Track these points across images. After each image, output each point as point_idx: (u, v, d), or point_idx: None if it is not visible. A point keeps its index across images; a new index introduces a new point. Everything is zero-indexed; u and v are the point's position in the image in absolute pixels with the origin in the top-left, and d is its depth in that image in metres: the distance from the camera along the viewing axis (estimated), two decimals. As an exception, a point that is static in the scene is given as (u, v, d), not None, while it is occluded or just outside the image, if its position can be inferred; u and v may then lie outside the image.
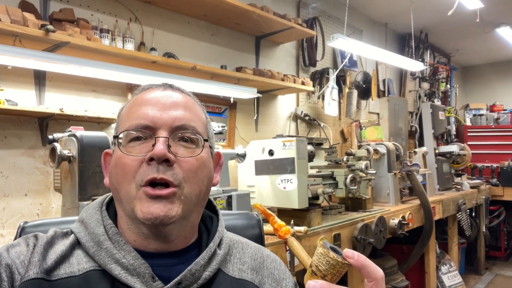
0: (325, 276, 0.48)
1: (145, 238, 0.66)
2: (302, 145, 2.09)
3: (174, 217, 0.64)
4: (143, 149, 0.65)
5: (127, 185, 0.64)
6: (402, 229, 2.63)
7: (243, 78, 2.67)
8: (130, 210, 0.64)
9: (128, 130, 0.66)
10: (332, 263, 0.48)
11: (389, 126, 4.63)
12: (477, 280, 4.37)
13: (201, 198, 0.69)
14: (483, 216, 4.31)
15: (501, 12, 4.62)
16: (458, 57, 6.60)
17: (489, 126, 5.60)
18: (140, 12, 2.44)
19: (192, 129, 0.68)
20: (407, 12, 4.27)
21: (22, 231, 0.79)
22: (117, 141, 0.67)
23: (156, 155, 0.63)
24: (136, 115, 0.67)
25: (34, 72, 1.98)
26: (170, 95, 0.70)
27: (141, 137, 0.66)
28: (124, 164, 0.65)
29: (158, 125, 0.66)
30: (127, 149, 0.66)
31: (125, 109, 0.72)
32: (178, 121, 0.67)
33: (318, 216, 2.14)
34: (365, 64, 4.48)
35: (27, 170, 1.97)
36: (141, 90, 0.73)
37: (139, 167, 0.64)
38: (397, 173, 3.04)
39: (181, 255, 0.69)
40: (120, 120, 0.72)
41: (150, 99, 0.69)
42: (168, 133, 0.66)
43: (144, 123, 0.66)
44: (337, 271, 0.48)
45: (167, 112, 0.67)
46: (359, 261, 0.50)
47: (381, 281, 0.51)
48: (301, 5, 3.67)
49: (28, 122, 1.98)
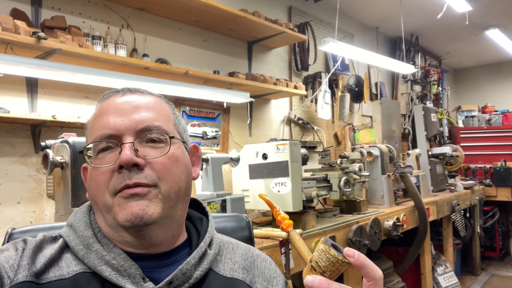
0: (324, 272, 0.49)
1: (129, 245, 0.66)
2: (296, 148, 2.10)
3: (153, 216, 0.63)
4: (111, 158, 0.65)
5: (102, 196, 0.65)
6: (397, 231, 2.64)
7: (236, 83, 2.68)
8: (110, 218, 0.65)
9: (94, 142, 0.66)
10: (332, 261, 0.49)
11: (382, 128, 4.67)
12: (473, 280, 4.39)
13: (182, 194, 0.69)
14: (478, 216, 4.34)
15: (489, 14, 4.69)
16: (449, 60, 6.68)
17: (481, 127, 5.65)
18: (132, 19, 2.44)
19: (157, 129, 0.67)
20: (397, 16, 4.32)
21: (10, 237, 0.79)
22: (87, 155, 0.67)
23: (123, 161, 0.63)
24: (99, 126, 0.67)
25: (26, 79, 1.98)
26: (130, 100, 0.70)
27: (109, 147, 0.66)
28: (95, 177, 0.65)
29: (122, 132, 0.65)
30: (96, 161, 0.66)
31: (90, 121, 0.71)
32: (141, 124, 0.66)
33: (313, 219, 2.15)
34: (357, 68, 4.52)
35: (20, 178, 1.96)
36: (102, 99, 0.73)
37: (111, 177, 0.64)
38: (390, 175, 3.05)
39: (170, 256, 0.69)
40: (88, 133, 0.71)
41: (110, 107, 0.68)
42: (133, 138, 0.65)
43: (107, 133, 0.66)
44: (337, 269, 0.49)
45: (128, 116, 0.67)
46: (359, 260, 0.50)
47: (379, 281, 0.51)
48: (292, 10, 3.70)
49: (21, 130, 1.97)
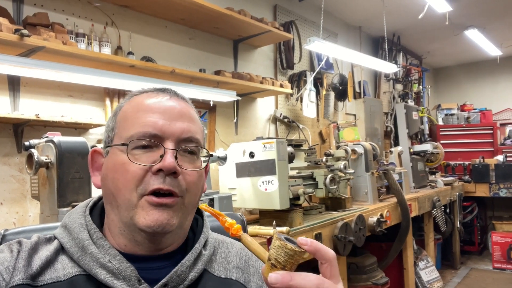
0: (284, 266, 0.50)
1: (136, 245, 0.66)
2: (282, 146, 2.12)
3: (174, 226, 0.65)
4: (149, 158, 0.65)
5: (128, 193, 0.64)
6: (381, 227, 2.70)
7: (222, 81, 2.68)
8: (128, 217, 0.64)
9: (137, 138, 0.65)
10: (290, 254, 0.50)
11: (365, 126, 4.74)
12: (453, 274, 4.52)
13: (195, 206, 0.71)
14: (457, 212, 4.46)
15: (469, 15, 4.82)
16: (430, 59, 6.82)
17: (460, 125, 5.80)
18: (116, 16, 2.41)
19: (197, 142, 0.69)
20: (380, 16, 4.39)
21: (3, 239, 0.77)
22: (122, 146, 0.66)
23: (166, 167, 0.63)
24: (143, 121, 0.66)
25: (8, 77, 1.93)
26: (177, 105, 0.70)
27: (147, 146, 0.66)
28: (128, 171, 0.64)
29: (166, 136, 0.66)
30: (131, 156, 0.65)
31: (128, 111, 0.70)
32: (185, 133, 0.67)
33: (300, 217, 2.17)
34: (341, 67, 4.57)
35: (2, 178, 1.92)
36: (144, 93, 0.72)
37: (144, 176, 0.64)
38: (374, 172, 3.11)
39: (169, 258, 0.69)
40: (120, 121, 0.69)
41: (157, 107, 0.68)
42: (174, 144, 0.66)
43: (152, 132, 0.65)
44: (295, 260, 0.51)
45: (174, 122, 0.67)
46: (313, 246, 0.53)
47: (334, 261, 0.54)
48: (277, 9, 3.72)
49: (3, 129, 1.93)
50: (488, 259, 4.95)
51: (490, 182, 4.74)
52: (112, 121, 0.71)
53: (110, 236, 0.68)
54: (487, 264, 4.86)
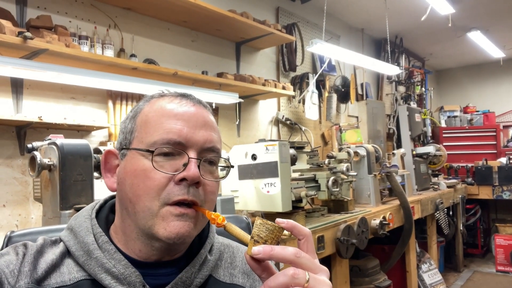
0: (266, 241, 0.56)
1: (151, 250, 0.65)
2: (285, 149, 2.12)
3: (193, 237, 0.65)
4: (172, 166, 0.63)
5: (149, 201, 0.62)
6: (383, 229, 2.68)
7: (225, 83, 2.69)
8: (147, 226, 0.63)
9: (161, 145, 0.64)
10: (271, 229, 0.56)
11: (368, 128, 4.73)
12: (456, 277, 4.49)
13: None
14: (460, 214, 4.44)
15: (471, 17, 4.81)
16: (432, 61, 6.81)
17: (463, 127, 5.79)
18: (119, 19, 2.42)
19: (217, 152, 0.69)
20: (382, 18, 4.38)
21: (9, 240, 0.77)
22: (146, 151, 0.64)
23: (190, 177, 0.62)
24: (168, 128, 0.64)
25: (11, 80, 1.94)
26: (200, 113, 0.68)
27: (169, 153, 0.64)
28: (150, 178, 0.63)
29: (190, 144, 0.65)
30: (157, 163, 0.63)
31: (150, 114, 0.67)
32: (208, 143, 0.66)
33: (302, 219, 2.16)
34: (343, 69, 4.57)
35: (5, 181, 1.92)
36: (165, 96, 0.70)
37: (166, 185, 0.63)
38: (377, 174, 3.10)
39: (175, 263, 0.68)
40: (141, 124, 0.67)
41: (181, 114, 0.66)
42: (197, 153, 0.65)
43: (176, 139, 0.64)
44: (275, 235, 0.56)
45: (198, 131, 0.66)
46: (290, 223, 0.57)
47: (309, 236, 0.58)
48: (280, 11, 3.72)
49: (5, 131, 1.93)
50: (491, 262, 4.92)
51: (493, 185, 4.72)
52: (131, 122, 0.68)
53: (117, 240, 0.67)
54: (490, 267, 4.84)
